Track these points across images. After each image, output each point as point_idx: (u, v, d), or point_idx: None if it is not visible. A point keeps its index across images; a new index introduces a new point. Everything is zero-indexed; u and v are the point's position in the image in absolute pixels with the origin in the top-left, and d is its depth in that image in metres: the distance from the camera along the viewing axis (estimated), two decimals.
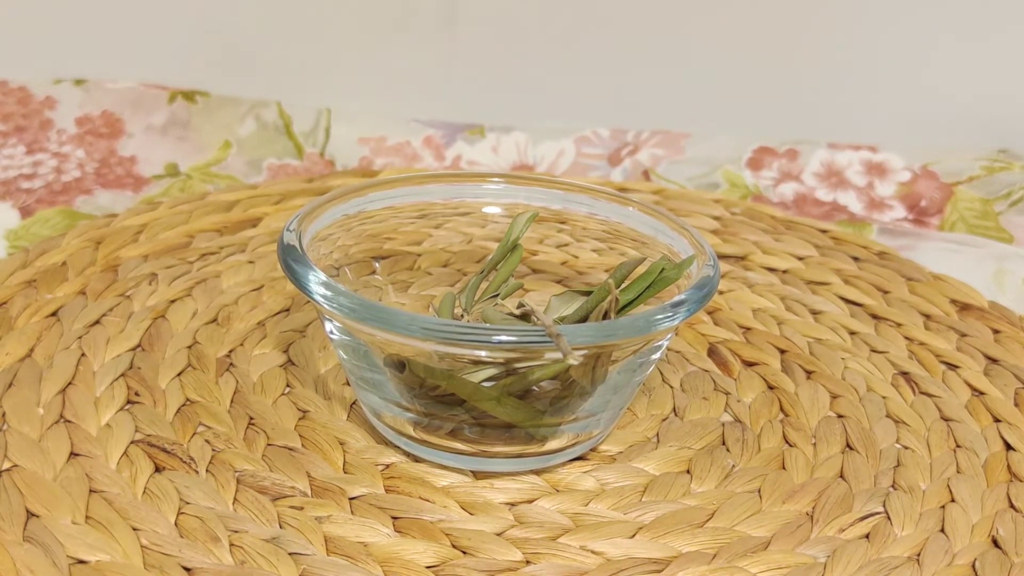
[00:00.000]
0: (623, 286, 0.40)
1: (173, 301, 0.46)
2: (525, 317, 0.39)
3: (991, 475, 0.40)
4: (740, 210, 0.58)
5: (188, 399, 0.41)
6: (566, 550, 0.36)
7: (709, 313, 0.49)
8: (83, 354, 0.43)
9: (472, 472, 0.39)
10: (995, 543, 0.37)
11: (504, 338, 0.34)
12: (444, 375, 0.36)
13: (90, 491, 0.36)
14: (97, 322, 0.45)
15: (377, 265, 0.45)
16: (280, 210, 0.55)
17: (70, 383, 0.41)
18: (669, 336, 0.39)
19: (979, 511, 0.39)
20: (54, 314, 0.45)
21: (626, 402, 0.40)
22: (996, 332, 0.49)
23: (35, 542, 0.34)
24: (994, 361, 0.47)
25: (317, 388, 0.42)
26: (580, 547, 0.36)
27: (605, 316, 0.38)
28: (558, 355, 0.34)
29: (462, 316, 0.42)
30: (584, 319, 0.39)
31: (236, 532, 0.35)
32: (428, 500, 0.37)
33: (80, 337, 0.44)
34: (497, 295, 0.43)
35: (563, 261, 0.49)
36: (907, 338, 0.48)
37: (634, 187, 0.61)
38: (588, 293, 0.40)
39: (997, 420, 0.43)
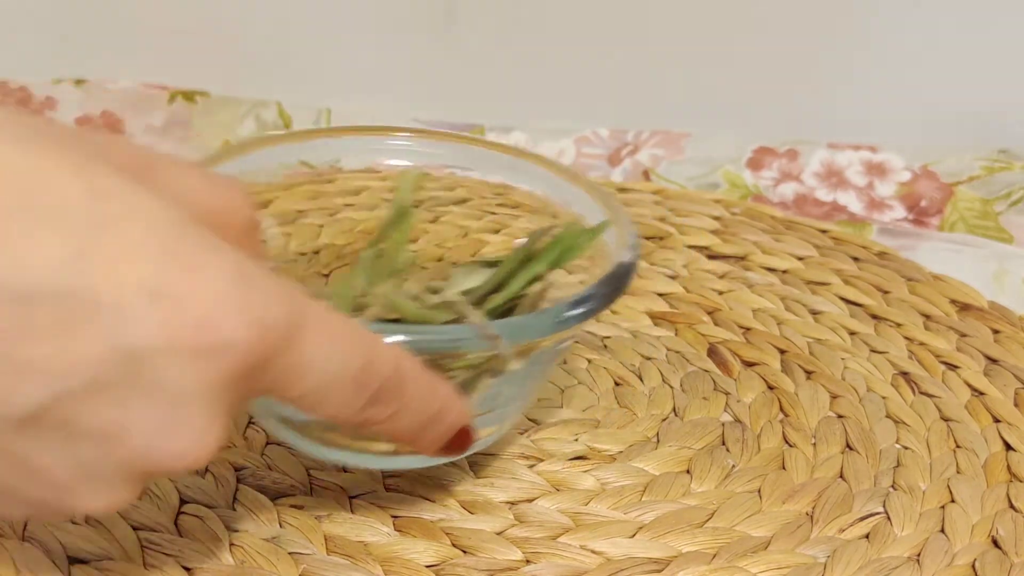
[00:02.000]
0: (533, 262, 0.37)
1: None
2: (447, 307, 0.36)
3: (991, 475, 0.40)
4: (740, 210, 0.58)
5: None
6: (566, 550, 0.36)
7: (709, 313, 0.49)
8: None
9: (472, 472, 0.39)
10: (995, 543, 0.37)
11: (427, 337, 0.32)
12: None
13: None
14: None
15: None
16: None
17: None
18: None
19: (979, 511, 0.39)
20: None
21: (534, 393, 0.38)
22: (996, 332, 0.49)
23: (35, 542, 0.34)
24: (994, 361, 0.47)
25: None
26: (580, 547, 0.36)
27: (533, 307, 0.37)
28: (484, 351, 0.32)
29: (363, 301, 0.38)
30: (495, 291, 0.37)
31: (236, 532, 0.35)
32: (428, 499, 0.37)
33: None
34: (400, 274, 0.39)
35: (463, 234, 0.46)
36: (907, 338, 0.48)
37: (634, 187, 0.61)
38: (494, 264, 0.38)
39: (997, 420, 0.43)
